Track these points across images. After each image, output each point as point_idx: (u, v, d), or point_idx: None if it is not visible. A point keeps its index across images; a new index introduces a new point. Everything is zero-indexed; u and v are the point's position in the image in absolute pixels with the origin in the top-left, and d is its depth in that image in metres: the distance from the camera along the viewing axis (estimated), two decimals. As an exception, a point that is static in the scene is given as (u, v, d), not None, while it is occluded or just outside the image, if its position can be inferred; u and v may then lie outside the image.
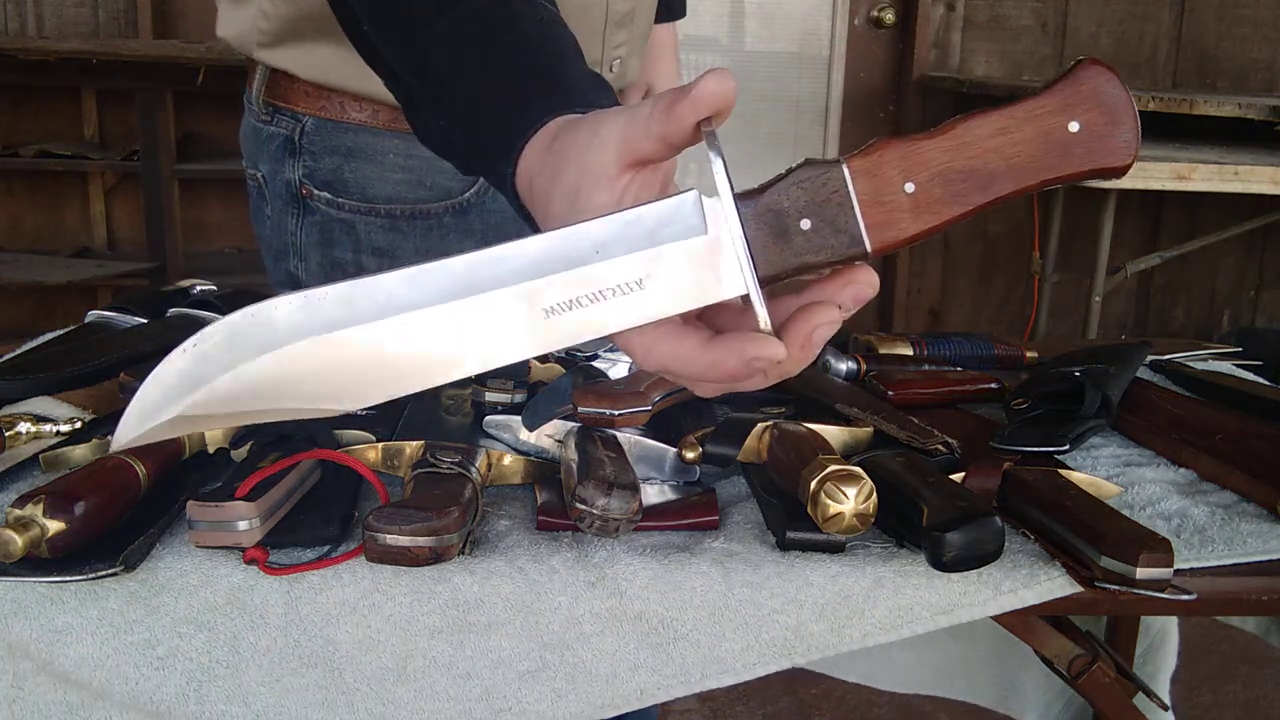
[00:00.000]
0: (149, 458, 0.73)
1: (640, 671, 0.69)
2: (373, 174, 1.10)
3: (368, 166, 1.10)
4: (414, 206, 1.10)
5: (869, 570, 0.70)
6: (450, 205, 1.11)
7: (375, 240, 1.12)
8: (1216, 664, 2.45)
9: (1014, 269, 3.85)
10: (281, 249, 1.15)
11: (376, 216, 1.11)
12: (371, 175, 1.10)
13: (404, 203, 1.10)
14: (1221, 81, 3.75)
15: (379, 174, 1.10)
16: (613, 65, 1.15)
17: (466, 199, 1.11)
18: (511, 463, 0.81)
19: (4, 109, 3.42)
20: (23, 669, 0.67)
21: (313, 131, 1.11)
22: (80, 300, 3.36)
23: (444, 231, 1.12)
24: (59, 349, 0.97)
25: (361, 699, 0.68)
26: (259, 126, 1.15)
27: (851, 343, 1.10)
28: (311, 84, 1.09)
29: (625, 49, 1.17)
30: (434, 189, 1.10)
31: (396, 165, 1.10)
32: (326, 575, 0.68)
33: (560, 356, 0.98)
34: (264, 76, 1.13)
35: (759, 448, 0.79)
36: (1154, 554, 0.67)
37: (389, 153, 1.10)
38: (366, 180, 1.10)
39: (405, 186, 1.10)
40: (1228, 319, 3.96)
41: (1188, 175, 2.77)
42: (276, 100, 1.13)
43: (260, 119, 1.14)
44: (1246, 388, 1.05)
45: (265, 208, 1.16)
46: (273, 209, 1.15)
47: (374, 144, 1.10)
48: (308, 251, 1.14)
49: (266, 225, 1.16)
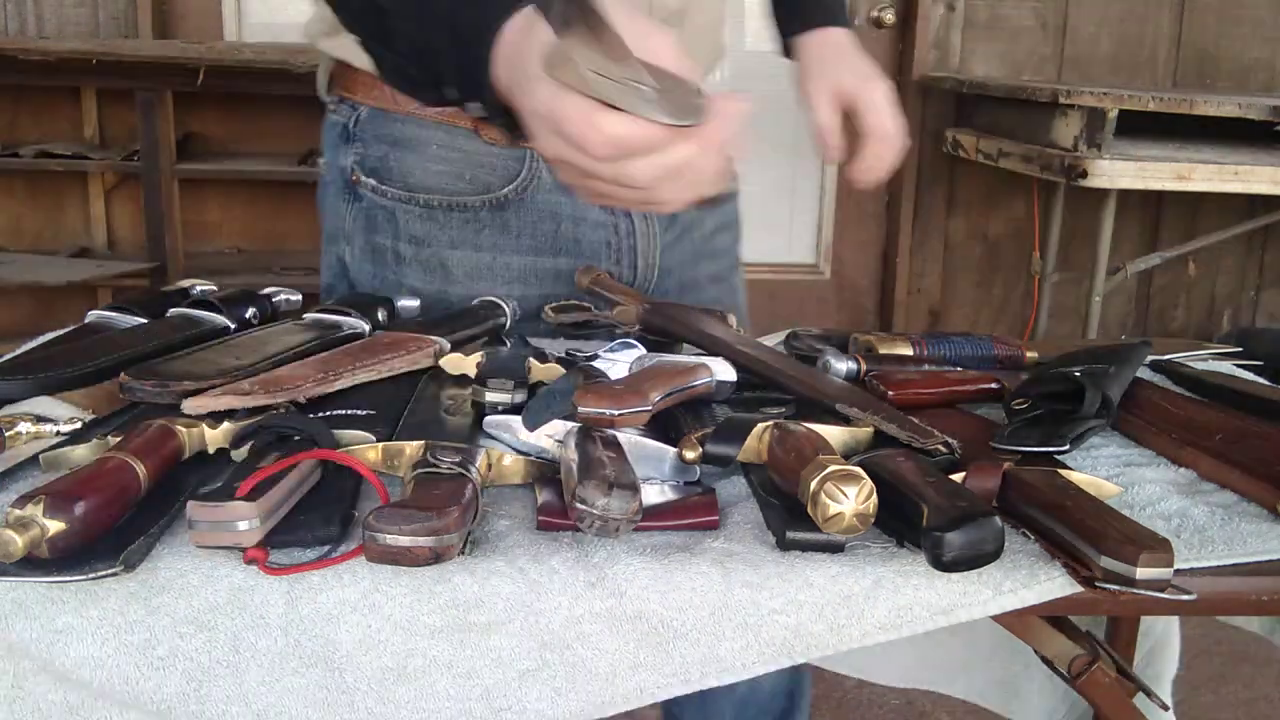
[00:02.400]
0: (149, 458, 0.73)
1: (640, 670, 0.69)
2: (415, 164, 1.15)
3: (411, 156, 1.14)
4: (451, 198, 1.15)
5: (869, 570, 0.71)
6: (488, 200, 1.16)
7: (412, 229, 1.16)
8: (1216, 664, 2.45)
9: (1014, 269, 3.85)
10: (334, 233, 1.21)
11: (415, 205, 1.15)
12: (414, 165, 1.15)
13: (443, 194, 1.15)
14: (1221, 81, 3.75)
15: (420, 164, 1.15)
16: None
17: (505, 194, 1.15)
18: (511, 463, 0.81)
19: (4, 109, 3.42)
20: (23, 669, 0.67)
21: (366, 120, 1.16)
22: (80, 300, 3.36)
23: (479, 226, 1.16)
24: (59, 349, 0.97)
25: (362, 698, 0.68)
26: (328, 115, 1.22)
27: (851, 343, 1.10)
28: (366, 73, 1.14)
29: None
30: (473, 183, 1.15)
31: (438, 157, 1.15)
32: (326, 575, 0.68)
33: (560, 356, 0.98)
34: (327, 66, 1.20)
35: (759, 448, 0.79)
36: (1154, 554, 0.67)
37: (432, 144, 1.14)
38: (409, 169, 1.15)
39: (445, 178, 1.15)
40: (1228, 319, 3.96)
41: (1188, 175, 2.77)
42: (338, 89, 1.20)
43: (328, 108, 1.21)
44: (1246, 388, 1.05)
45: (327, 193, 1.22)
46: (331, 194, 1.21)
47: (419, 135, 1.15)
48: (354, 236, 1.19)
49: (326, 210, 1.22)
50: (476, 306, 1.15)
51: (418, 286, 1.18)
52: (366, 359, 0.95)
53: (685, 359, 0.94)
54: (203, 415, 0.82)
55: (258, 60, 2.99)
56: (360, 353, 0.96)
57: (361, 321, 1.07)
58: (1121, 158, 2.75)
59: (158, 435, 0.77)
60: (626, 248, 1.21)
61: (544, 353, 0.98)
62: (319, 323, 1.06)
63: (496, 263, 1.18)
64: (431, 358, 0.99)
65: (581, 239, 1.20)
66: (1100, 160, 2.74)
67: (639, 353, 0.97)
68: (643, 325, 1.08)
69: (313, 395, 0.87)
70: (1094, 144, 2.76)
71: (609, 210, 1.19)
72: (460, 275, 1.18)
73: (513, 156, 1.16)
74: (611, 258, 1.21)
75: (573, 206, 1.19)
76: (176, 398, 0.83)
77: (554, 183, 1.16)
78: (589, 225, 1.20)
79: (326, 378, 0.90)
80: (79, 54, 2.97)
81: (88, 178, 3.48)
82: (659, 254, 1.22)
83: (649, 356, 0.96)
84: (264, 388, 0.85)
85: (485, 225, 1.16)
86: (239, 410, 0.83)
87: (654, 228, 1.21)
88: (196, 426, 0.80)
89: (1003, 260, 3.85)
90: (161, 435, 0.77)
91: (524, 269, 1.19)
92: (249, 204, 3.57)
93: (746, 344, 1.01)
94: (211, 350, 0.95)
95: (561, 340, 1.13)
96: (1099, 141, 2.75)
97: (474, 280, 1.18)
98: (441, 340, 1.01)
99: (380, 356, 0.95)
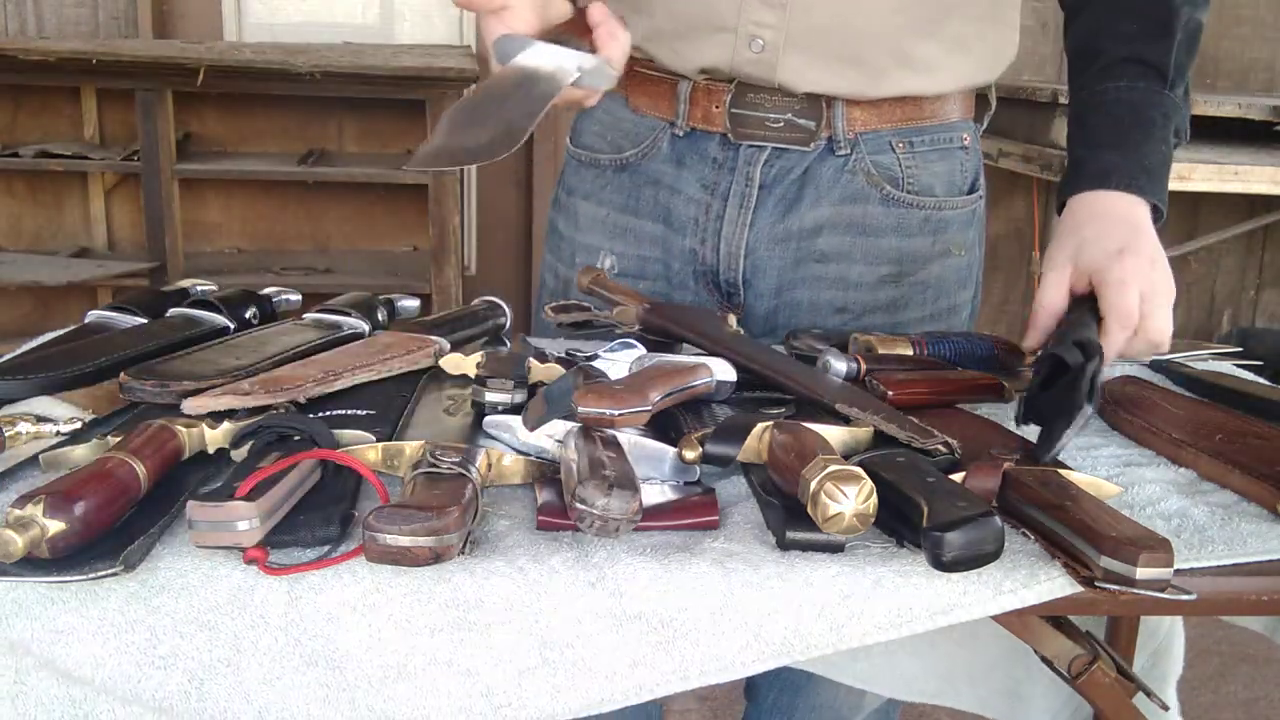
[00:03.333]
0: (149, 458, 0.73)
1: (639, 668, 0.69)
2: (584, 125, 1.32)
3: (584, 119, 1.32)
4: (594, 155, 1.30)
5: (869, 570, 0.71)
6: (615, 160, 1.28)
7: (568, 180, 1.34)
8: (1216, 664, 2.45)
9: (1014, 269, 3.85)
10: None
11: (575, 161, 1.33)
12: (583, 127, 1.32)
13: (589, 150, 1.30)
14: (1221, 81, 3.75)
15: (586, 126, 1.32)
16: (752, 43, 1.14)
17: (628, 157, 1.26)
18: (511, 463, 0.81)
19: (4, 109, 3.42)
20: (25, 664, 0.67)
21: None
22: (80, 300, 3.37)
23: (604, 183, 1.29)
24: (59, 349, 0.97)
25: (362, 696, 0.68)
26: None
27: (851, 343, 1.10)
28: None
29: (771, 34, 1.13)
30: (610, 144, 1.28)
31: (596, 119, 1.30)
32: (326, 575, 0.68)
33: (560, 356, 0.98)
34: None
35: (759, 448, 0.79)
36: (1154, 554, 0.67)
37: (599, 108, 1.25)
38: (581, 130, 1.33)
39: (595, 138, 1.30)
40: (1228, 319, 3.97)
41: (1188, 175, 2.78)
42: None
43: None
44: (1246, 388, 1.05)
45: None
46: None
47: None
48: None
49: None
50: (477, 306, 1.15)
51: (561, 229, 1.35)
52: (366, 359, 0.95)
53: (685, 359, 0.94)
54: (203, 415, 0.82)
55: (258, 60, 3.00)
56: (360, 353, 0.97)
57: (361, 321, 1.07)
58: (1121, 158, 2.75)
59: (158, 435, 0.77)
60: (712, 230, 1.22)
61: (544, 353, 0.98)
62: (319, 323, 1.06)
63: (608, 218, 1.29)
64: (431, 358, 0.99)
65: (673, 210, 1.24)
66: (1100, 160, 2.73)
67: (639, 353, 0.97)
68: (643, 325, 1.08)
69: (313, 395, 0.87)
70: (1094, 144, 2.75)
71: (706, 190, 1.22)
72: (584, 224, 1.31)
73: (646, 125, 1.25)
74: (697, 235, 1.23)
75: (675, 179, 1.23)
76: (176, 398, 0.83)
77: (669, 153, 1.23)
78: (683, 199, 1.23)
79: (326, 378, 0.90)
80: (79, 54, 2.97)
81: (88, 178, 3.49)
82: (744, 243, 1.21)
83: (649, 356, 0.96)
84: (264, 388, 0.85)
85: (608, 183, 1.28)
86: (239, 410, 0.83)
87: (745, 216, 1.21)
88: (196, 426, 0.80)
89: (1003, 260, 3.85)
90: (161, 435, 0.77)
91: (623, 227, 1.28)
92: (249, 204, 3.58)
93: (746, 344, 1.01)
94: (211, 350, 0.95)
95: (561, 340, 1.13)
96: (1099, 141, 2.74)
97: (589, 231, 1.30)
98: (441, 340, 1.01)
99: (380, 356, 0.95)
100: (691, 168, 1.22)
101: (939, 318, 1.27)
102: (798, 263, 1.23)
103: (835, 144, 1.19)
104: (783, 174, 1.20)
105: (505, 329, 1.16)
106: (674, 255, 1.25)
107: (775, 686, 1.44)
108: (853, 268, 1.23)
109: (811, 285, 1.24)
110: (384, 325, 1.10)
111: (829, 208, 1.21)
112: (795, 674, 1.37)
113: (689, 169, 1.22)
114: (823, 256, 1.23)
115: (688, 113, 1.21)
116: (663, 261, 1.25)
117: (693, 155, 1.22)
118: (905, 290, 1.25)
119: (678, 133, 1.22)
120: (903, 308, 1.25)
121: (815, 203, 1.21)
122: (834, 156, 1.20)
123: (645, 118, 1.25)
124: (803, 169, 1.20)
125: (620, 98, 1.27)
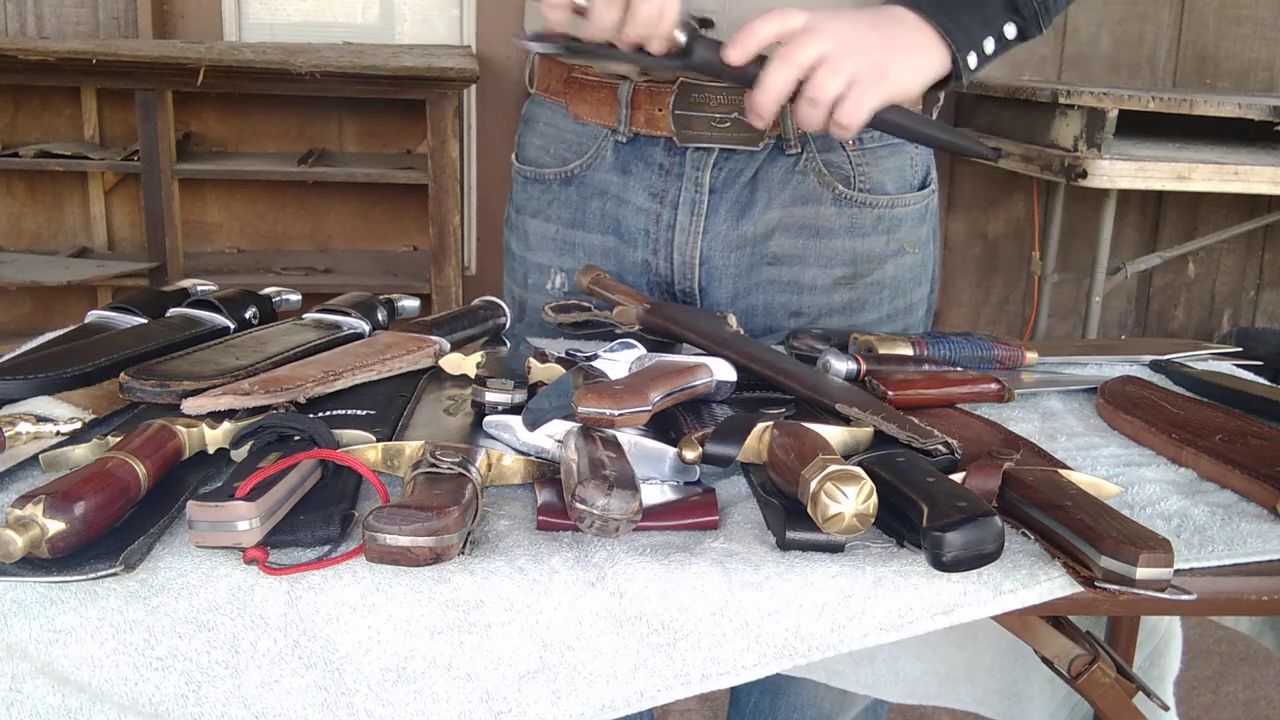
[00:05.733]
0: (149, 458, 0.73)
1: (640, 672, 0.69)
2: (528, 139, 1.29)
3: (529, 133, 1.29)
4: (539, 170, 1.27)
5: (869, 570, 0.70)
6: (560, 173, 1.25)
7: (517, 198, 1.31)
8: (1216, 664, 2.45)
9: (1014, 269, 3.85)
10: None
11: (522, 177, 1.30)
12: (526, 141, 1.30)
13: (536, 165, 1.27)
14: (1221, 81, 3.75)
15: (530, 140, 1.29)
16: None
17: (573, 169, 1.24)
18: (511, 463, 0.81)
19: (4, 109, 3.42)
20: (21, 671, 0.67)
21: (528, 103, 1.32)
22: (80, 300, 3.37)
23: (551, 198, 1.26)
24: (59, 349, 0.97)
25: (361, 699, 0.68)
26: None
27: (851, 343, 1.09)
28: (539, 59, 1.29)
29: (715, 21, 1.10)
30: (555, 157, 1.25)
31: (539, 133, 1.27)
32: (326, 575, 0.68)
33: (560, 356, 0.98)
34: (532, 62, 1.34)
35: (759, 448, 0.79)
36: (1154, 554, 0.67)
37: (540, 121, 1.26)
38: (525, 144, 1.30)
39: (539, 152, 1.27)
40: (1228, 319, 3.96)
41: (1188, 175, 2.77)
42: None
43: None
44: (1246, 388, 1.05)
45: None
46: None
47: (537, 112, 1.29)
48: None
49: None
50: (477, 306, 1.15)
51: (514, 249, 1.32)
52: (366, 359, 0.95)
53: (685, 359, 0.94)
54: (203, 415, 0.82)
55: (258, 60, 2.99)
56: (360, 353, 0.96)
57: (361, 321, 1.07)
58: (1121, 158, 2.75)
59: (158, 435, 0.77)
60: (664, 240, 1.20)
61: (544, 353, 0.98)
62: (319, 323, 1.06)
63: (557, 235, 1.26)
64: (431, 358, 0.99)
65: (622, 221, 1.22)
66: (1100, 160, 2.74)
67: (639, 353, 0.97)
68: (643, 325, 1.08)
69: (313, 395, 0.87)
70: (1094, 144, 2.76)
71: (655, 198, 1.19)
72: (534, 243, 1.28)
73: (589, 134, 1.22)
74: (649, 246, 1.21)
75: (622, 188, 1.21)
76: (176, 398, 0.83)
77: (614, 161, 1.21)
78: (631, 209, 1.21)
79: (326, 378, 0.90)
80: (79, 54, 2.97)
81: (88, 178, 3.48)
82: (698, 251, 1.19)
83: (649, 356, 0.96)
84: (264, 388, 0.85)
85: (555, 198, 1.26)
86: (239, 410, 0.83)
87: (698, 223, 1.19)
88: (196, 426, 0.80)
89: (1002, 260, 3.84)
90: (161, 435, 0.77)
91: (572, 242, 1.25)
92: (249, 204, 3.57)
93: (746, 344, 1.01)
94: (211, 350, 0.95)
95: (561, 340, 1.13)
96: (1099, 141, 2.75)
97: (540, 249, 1.28)
98: (441, 340, 1.01)
99: (380, 356, 0.95)
100: (638, 175, 1.20)
101: (896, 317, 1.26)
102: (752, 268, 1.21)
103: (785, 143, 1.17)
104: (733, 177, 1.18)
105: (505, 329, 1.16)
106: (626, 269, 1.23)
107: (757, 688, 1.44)
108: (806, 270, 1.21)
109: (766, 290, 1.22)
110: (384, 325, 1.10)
111: (780, 210, 1.19)
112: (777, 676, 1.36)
113: (635, 177, 1.20)
114: (776, 260, 1.21)
115: (630, 117, 1.18)
116: (615, 276, 1.22)
117: (638, 162, 1.20)
118: (861, 292, 1.23)
119: (621, 139, 1.19)
120: (859, 309, 1.24)
121: (767, 205, 1.18)
122: (784, 156, 1.18)
123: (587, 126, 1.22)
124: (753, 171, 1.18)
125: (560, 108, 1.24)
